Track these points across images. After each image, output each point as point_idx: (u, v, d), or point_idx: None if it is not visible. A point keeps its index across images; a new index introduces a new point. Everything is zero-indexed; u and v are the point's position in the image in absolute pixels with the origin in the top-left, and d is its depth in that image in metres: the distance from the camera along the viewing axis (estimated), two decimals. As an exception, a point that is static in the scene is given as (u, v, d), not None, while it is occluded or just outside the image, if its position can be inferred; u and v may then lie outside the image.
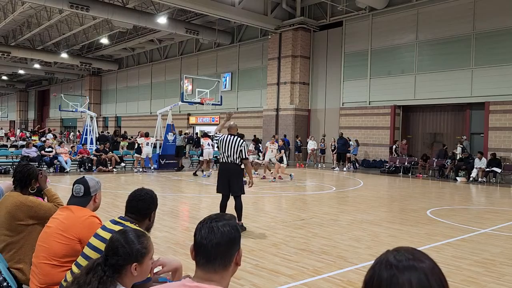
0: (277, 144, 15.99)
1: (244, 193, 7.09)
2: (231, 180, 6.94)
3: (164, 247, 5.87)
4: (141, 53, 38.88)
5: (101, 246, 2.46)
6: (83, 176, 3.03)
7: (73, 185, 2.97)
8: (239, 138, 7.01)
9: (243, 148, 6.97)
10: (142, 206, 2.71)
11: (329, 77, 23.93)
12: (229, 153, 6.92)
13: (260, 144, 17.52)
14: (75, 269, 2.48)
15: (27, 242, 3.12)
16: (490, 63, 17.53)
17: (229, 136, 7.05)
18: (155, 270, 2.31)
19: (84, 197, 2.92)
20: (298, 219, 8.10)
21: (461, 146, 18.63)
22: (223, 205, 7.11)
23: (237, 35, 28.95)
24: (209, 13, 22.66)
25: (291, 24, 24.09)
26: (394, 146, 19.53)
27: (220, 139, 7.07)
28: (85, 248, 2.56)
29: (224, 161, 7.03)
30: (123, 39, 33.59)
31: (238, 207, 6.92)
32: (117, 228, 2.54)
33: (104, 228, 2.61)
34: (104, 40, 33.59)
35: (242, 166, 7.17)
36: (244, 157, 6.98)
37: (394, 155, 19.50)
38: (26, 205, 3.19)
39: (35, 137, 28.04)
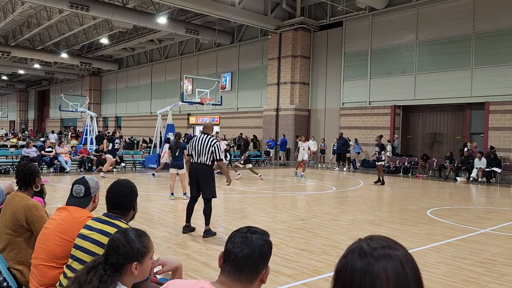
0: (307, 142, 17.67)
1: (215, 197, 6.64)
2: (200, 182, 6.51)
3: (164, 247, 5.87)
4: (141, 53, 38.87)
5: (92, 247, 2.42)
6: (83, 176, 3.00)
7: (73, 185, 2.93)
8: (212, 138, 6.57)
9: (215, 148, 6.50)
10: (125, 200, 2.66)
11: (329, 77, 23.93)
12: (199, 153, 6.50)
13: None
14: (67, 271, 2.45)
15: (28, 245, 3.10)
16: (490, 63, 17.53)
17: (202, 135, 6.64)
18: (155, 270, 2.30)
19: (85, 197, 2.89)
20: (298, 219, 8.09)
21: (391, 144, 18.81)
22: (189, 208, 6.69)
23: (237, 35, 28.95)
24: (209, 13, 22.66)
25: (291, 24, 24.09)
26: (466, 149, 17.55)
27: (193, 138, 6.74)
28: (74, 251, 2.48)
29: (194, 161, 6.59)
30: (123, 39, 33.59)
31: (207, 211, 6.49)
32: (106, 227, 2.48)
33: (90, 228, 2.53)
34: (104, 40, 33.58)
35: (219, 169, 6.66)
36: (217, 158, 6.55)
37: (462, 153, 17.61)
38: (30, 211, 3.13)
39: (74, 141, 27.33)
